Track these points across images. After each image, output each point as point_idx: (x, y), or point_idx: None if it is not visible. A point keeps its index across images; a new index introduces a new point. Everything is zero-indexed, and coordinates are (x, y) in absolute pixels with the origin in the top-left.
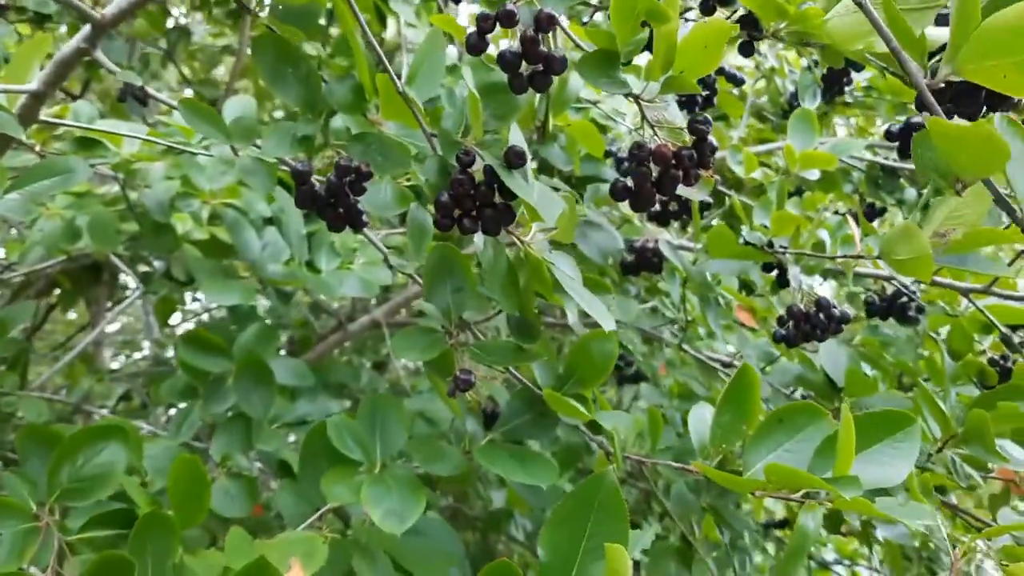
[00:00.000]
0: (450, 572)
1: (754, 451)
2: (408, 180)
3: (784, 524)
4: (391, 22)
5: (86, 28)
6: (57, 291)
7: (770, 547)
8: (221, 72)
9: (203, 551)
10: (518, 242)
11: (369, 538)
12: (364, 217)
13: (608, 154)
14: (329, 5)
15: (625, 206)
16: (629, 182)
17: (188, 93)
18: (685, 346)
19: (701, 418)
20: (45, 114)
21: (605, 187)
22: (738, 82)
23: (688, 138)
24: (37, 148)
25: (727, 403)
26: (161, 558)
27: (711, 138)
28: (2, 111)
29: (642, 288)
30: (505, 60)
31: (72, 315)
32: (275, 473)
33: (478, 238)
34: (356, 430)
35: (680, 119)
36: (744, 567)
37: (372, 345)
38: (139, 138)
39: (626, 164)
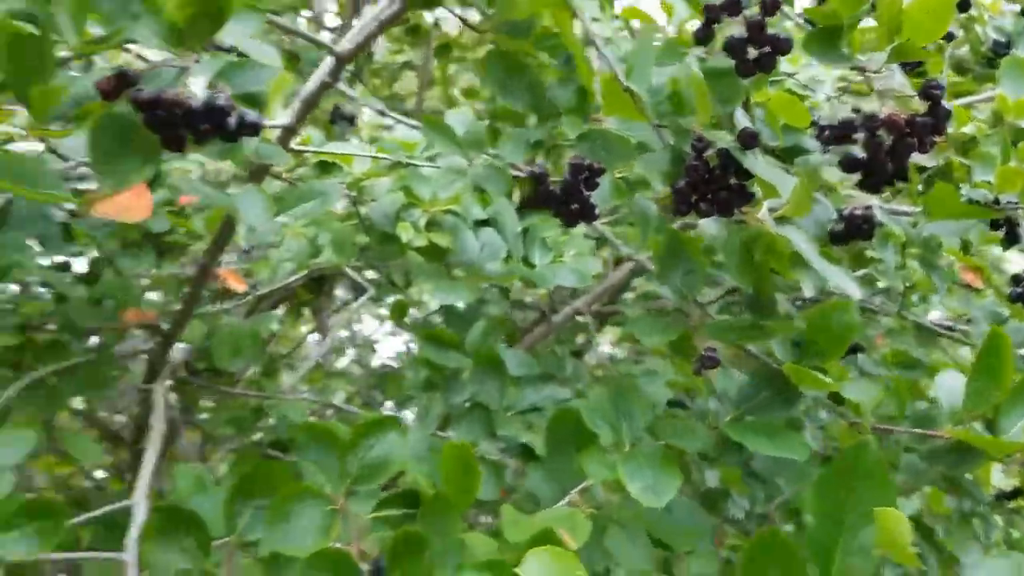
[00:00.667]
0: (700, 545)
1: (1009, 415)
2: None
3: (1017, 494)
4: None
5: (328, 62)
6: (286, 304)
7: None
8: (399, 86)
9: (475, 530)
10: (752, 221)
11: (619, 514)
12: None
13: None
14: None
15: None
16: (860, 153)
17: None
18: (905, 313)
19: (950, 384)
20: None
21: (813, 158)
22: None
23: (919, 104)
24: (284, 175)
25: (980, 367)
26: (446, 534)
27: (945, 103)
28: (269, 144)
29: (844, 258)
30: (732, 46)
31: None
32: (518, 457)
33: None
34: (607, 412)
35: (907, 86)
36: (988, 535)
37: (569, 335)
38: (369, 156)
39: (827, 132)
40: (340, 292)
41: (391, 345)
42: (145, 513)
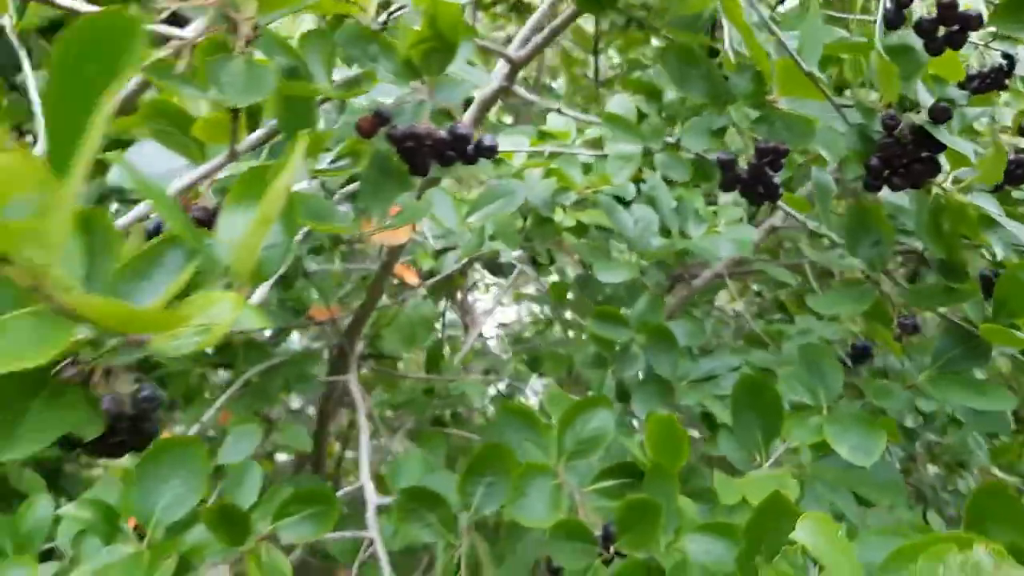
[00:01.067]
0: (899, 500)
1: None
2: None
3: None
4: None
5: (503, 67)
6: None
7: None
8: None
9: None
10: (939, 190)
11: (821, 473)
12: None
13: None
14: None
15: None
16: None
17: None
18: None
19: None
20: None
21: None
22: None
23: None
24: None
25: None
26: (667, 501)
27: None
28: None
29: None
30: (923, 27)
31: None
32: (701, 424)
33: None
34: (802, 376)
35: None
36: None
37: (700, 299)
38: (534, 150)
39: (977, 82)
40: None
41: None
42: (374, 493)
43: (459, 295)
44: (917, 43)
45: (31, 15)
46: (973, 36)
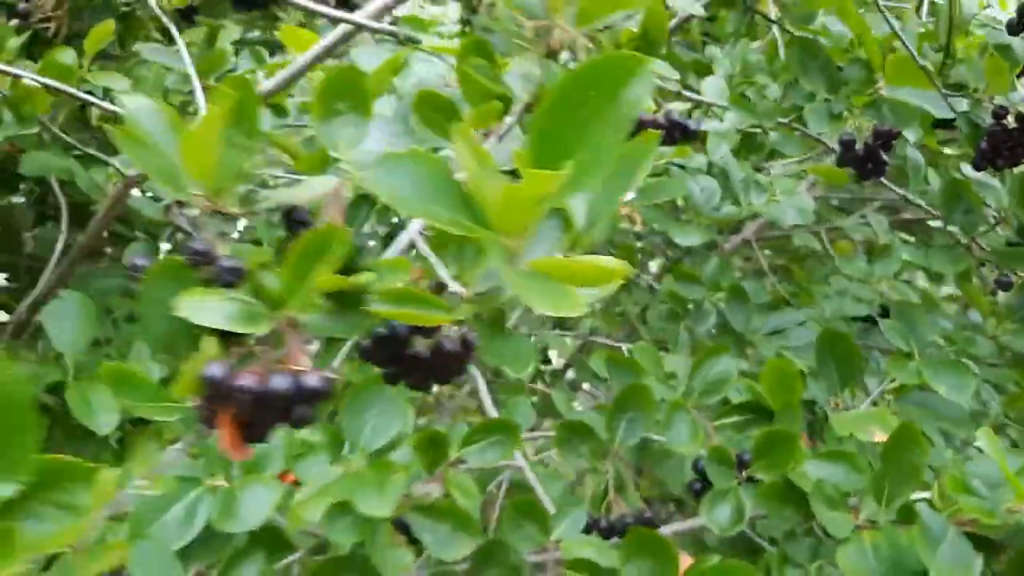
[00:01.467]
0: (971, 432)
1: None
2: None
3: None
4: None
5: None
6: None
7: None
8: None
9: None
10: None
11: (909, 412)
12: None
13: None
14: None
15: None
16: None
17: None
18: None
19: None
20: None
21: None
22: None
23: None
24: None
25: None
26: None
27: None
28: None
29: None
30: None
31: None
32: None
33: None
34: (899, 328)
35: None
36: None
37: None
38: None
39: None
40: None
41: None
42: None
43: None
44: (1015, 42)
45: None
46: None
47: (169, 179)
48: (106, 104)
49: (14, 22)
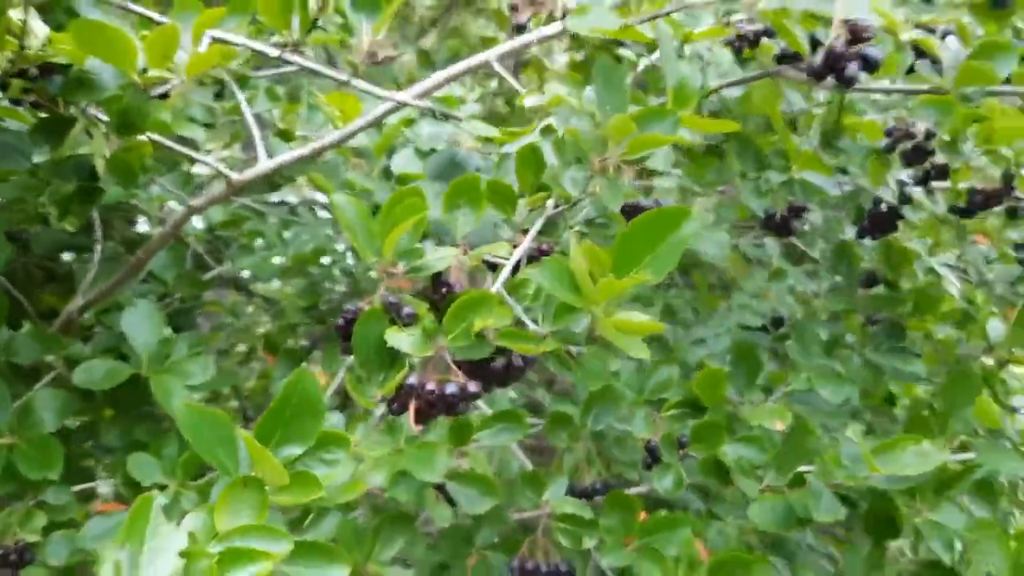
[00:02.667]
0: (844, 423)
1: None
2: None
3: None
4: None
5: None
6: None
7: None
8: None
9: None
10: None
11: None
12: None
13: None
14: None
15: None
16: None
17: None
18: None
19: None
20: None
21: None
22: None
23: None
24: None
25: None
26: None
27: None
28: None
29: None
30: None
31: None
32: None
33: None
34: (796, 346)
35: None
36: None
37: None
38: None
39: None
40: None
41: None
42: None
43: None
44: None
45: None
46: None
47: (365, 251)
48: (201, 157)
49: None
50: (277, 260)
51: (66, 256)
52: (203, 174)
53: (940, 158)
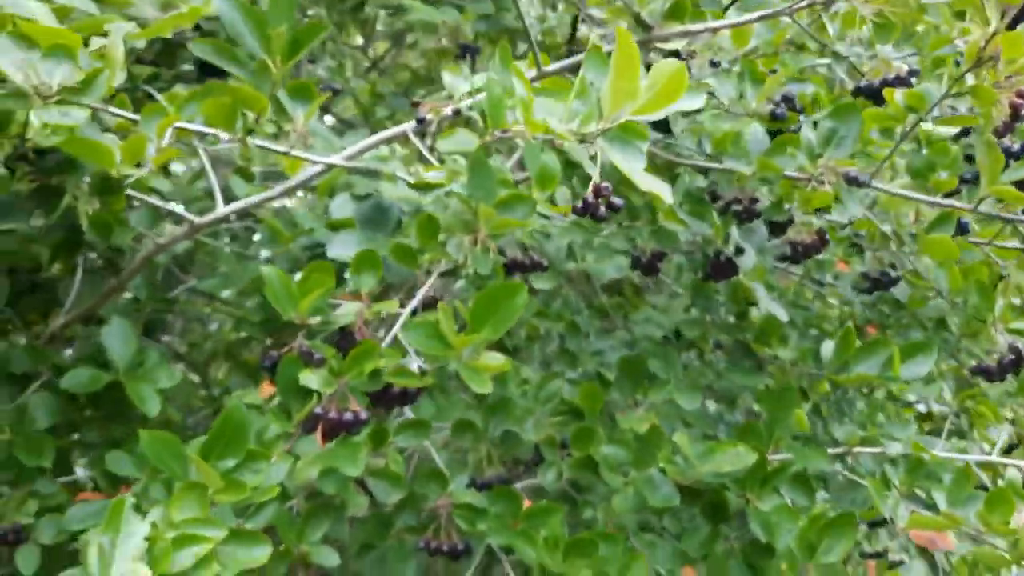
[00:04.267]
0: (707, 426)
1: None
2: None
3: None
4: None
5: None
6: None
7: None
8: None
9: None
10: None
11: (662, 413)
12: None
13: None
14: None
15: None
16: None
17: None
18: None
19: None
20: None
21: None
22: None
23: None
24: None
25: None
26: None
27: None
28: None
29: None
30: None
31: None
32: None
33: None
34: (658, 362)
35: None
36: None
37: None
38: None
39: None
40: None
41: None
42: None
43: None
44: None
45: None
46: None
47: (287, 310)
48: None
49: None
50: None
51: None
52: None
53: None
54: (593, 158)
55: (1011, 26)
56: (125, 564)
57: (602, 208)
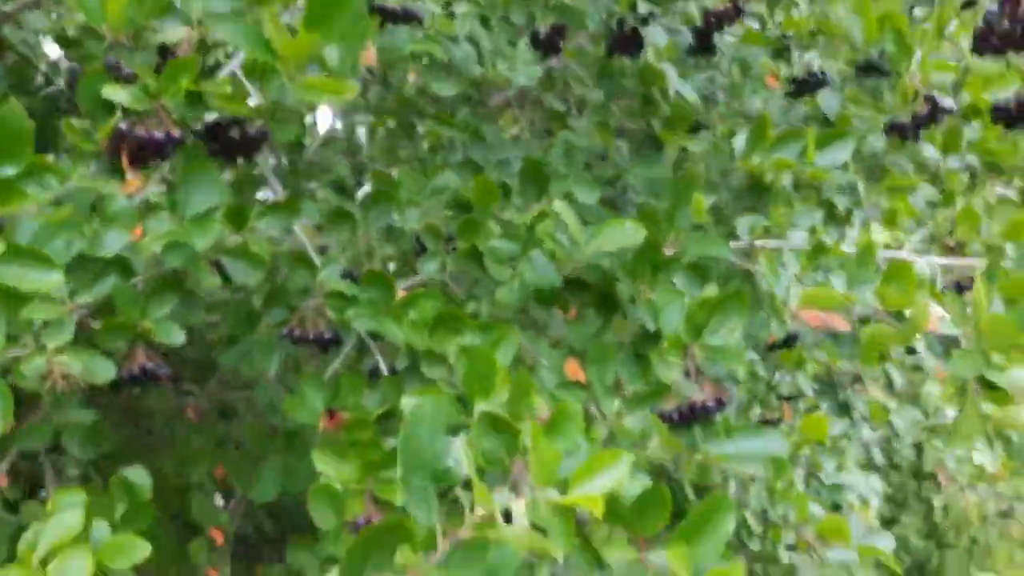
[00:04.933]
0: None
1: None
2: None
3: None
4: None
5: None
6: None
7: None
8: None
9: None
10: None
11: None
12: None
13: None
14: None
15: None
16: None
17: None
18: None
19: None
20: None
21: None
22: None
23: None
24: None
25: None
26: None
27: None
28: None
29: None
30: None
31: None
32: None
33: None
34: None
35: None
36: None
37: None
38: None
39: None
40: None
41: None
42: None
43: None
44: None
45: None
46: None
47: (96, 19)
48: None
49: None
50: None
51: None
52: None
53: None
54: None
55: None
56: None
57: None
